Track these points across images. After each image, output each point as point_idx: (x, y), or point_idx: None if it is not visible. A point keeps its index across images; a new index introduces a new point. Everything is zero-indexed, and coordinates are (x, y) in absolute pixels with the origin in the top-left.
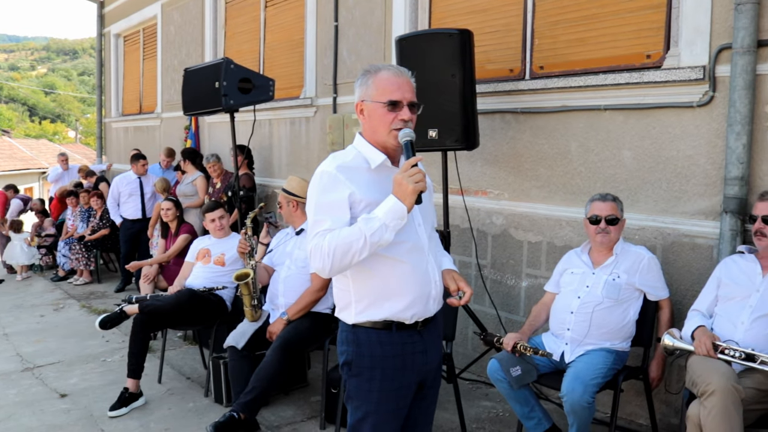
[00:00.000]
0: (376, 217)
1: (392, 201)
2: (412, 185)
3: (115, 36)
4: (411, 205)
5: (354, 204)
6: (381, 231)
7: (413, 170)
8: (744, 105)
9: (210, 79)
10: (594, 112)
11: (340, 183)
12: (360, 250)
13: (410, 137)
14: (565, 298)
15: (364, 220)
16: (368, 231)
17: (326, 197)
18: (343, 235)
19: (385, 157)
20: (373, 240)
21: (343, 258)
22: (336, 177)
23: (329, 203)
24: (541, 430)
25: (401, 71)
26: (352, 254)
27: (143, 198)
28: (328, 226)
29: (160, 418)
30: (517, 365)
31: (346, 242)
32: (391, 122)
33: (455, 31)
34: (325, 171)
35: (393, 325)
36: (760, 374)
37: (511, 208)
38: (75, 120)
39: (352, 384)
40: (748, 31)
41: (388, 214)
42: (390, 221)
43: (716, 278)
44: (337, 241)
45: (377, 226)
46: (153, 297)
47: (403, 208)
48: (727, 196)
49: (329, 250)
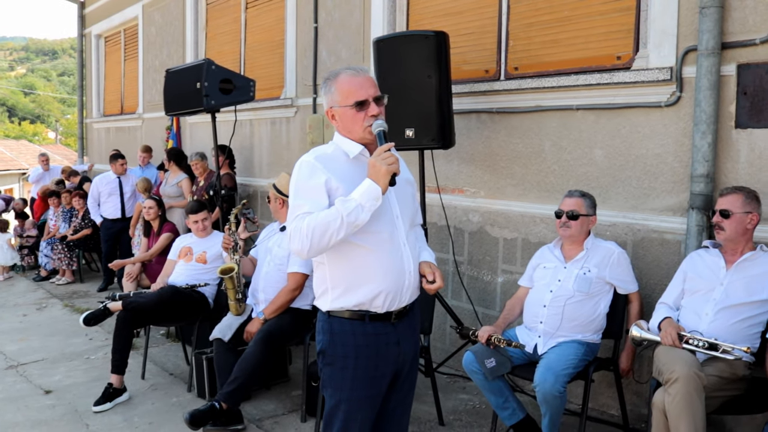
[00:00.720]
0: (352, 198)
1: (367, 183)
2: (385, 167)
3: (96, 37)
4: (385, 186)
5: (331, 191)
6: (357, 211)
7: (386, 154)
8: (709, 105)
9: (191, 79)
10: (567, 112)
11: (317, 170)
12: (337, 230)
13: (382, 128)
14: (538, 292)
15: (340, 201)
16: (345, 211)
17: (304, 183)
18: (321, 216)
19: (362, 147)
20: (349, 220)
21: (321, 238)
22: (314, 165)
23: (307, 189)
24: (516, 420)
25: (358, 70)
26: (329, 234)
27: (122, 198)
28: (307, 209)
29: (144, 413)
30: (491, 357)
31: (324, 222)
32: (363, 120)
33: (431, 33)
34: (304, 160)
35: (366, 316)
36: (722, 362)
37: (487, 205)
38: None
39: (327, 372)
40: (713, 33)
41: (363, 195)
42: (365, 202)
43: (683, 272)
44: (316, 222)
45: (353, 206)
46: (136, 294)
47: (377, 189)
48: (693, 192)
49: (308, 231)
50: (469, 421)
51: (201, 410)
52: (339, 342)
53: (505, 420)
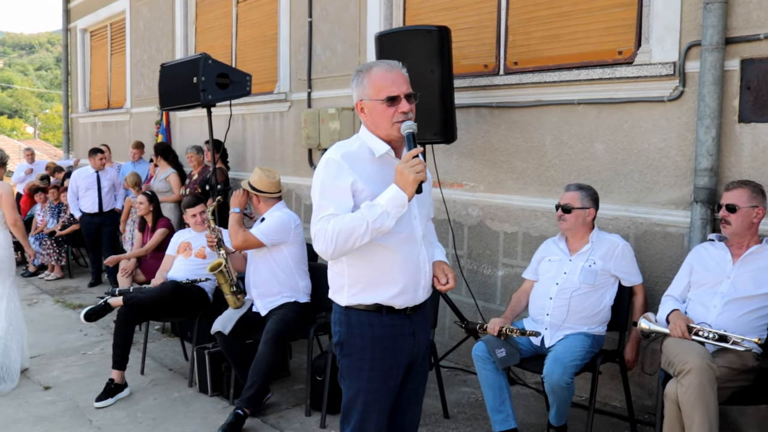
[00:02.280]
0: (378, 204)
1: (394, 189)
2: (413, 175)
3: (82, 31)
4: (412, 194)
5: (356, 192)
6: (383, 218)
7: (414, 161)
8: (713, 99)
9: (187, 74)
10: (568, 107)
11: (344, 170)
12: (362, 236)
13: (412, 129)
14: (544, 285)
15: (366, 207)
16: (371, 217)
17: (331, 184)
18: (346, 221)
19: (389, 147)
20: (375, 226)
21: (345, 242)
22: (341, 164)
23: (333, 189)
24: (506, 427)
25: (392, 65)
26: (354, 239)
27: (100, 192)
28: (332, 211)
29: (146, 408)
30: (502, 347)
31: (350, 227)
32: (392, 116)
33: (434, 27)
34: (330, 158)
35: (383, 309)
36: (732, 354)
37: (487, 199)
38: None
39: (344, 363)
40: (717, 29)
41: (389, 202)
42: (391, 209)
43: (689, 265)
44: (341, 226)
45: (379, 212)
46: (136, 289)
47: (404, 196)
48: (697, 186)
49: (333, 234)
50: (473, 413)
51: (232, 423)
52: (357, 333)
53: (495, 424)
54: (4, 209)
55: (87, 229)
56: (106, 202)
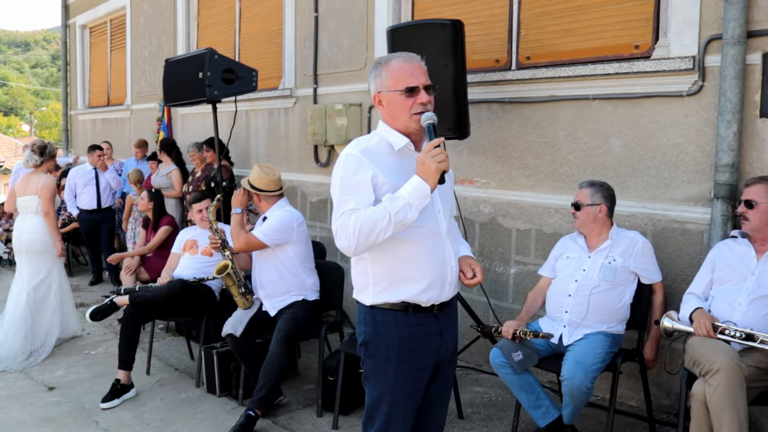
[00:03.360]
0: (400, 196)
1: (416, 180)
2: (435, 165)
3: (81, 27)
4: (434, 184)
5: (377, 186)
6: (405, 209)
7: (436, 150)
8: (734, 94)
9: (193, 69)
10: (582, 102)
11: (363, 164)
12: (385, 229)
13: (432, 120)
14: (562, 282)
15: (389, 199)
16: (393, 209)
17: (351, 178)
18: (368, 214)
19: (408, 140)
20: (397, 218)
21: (368, 236)
22: (360, 159)
23: (354, 184)
24: (550, 419)
25: (411, 57)
26: (377, 233)
27: (98, 188)
28: (353, 206)
29: (153, 409)
30: (518, 350)
31: (372, 220)
32: (410, 108)
33: (447, 21)
34: (349, 154)
35: (409, 307)
36: (759, 353)
37: (499, 196)
38: (29, 113)
39: (369, 364)
40: (738, 22)
41: (412, 193)
42: (414, 200)
43: (711, 262)
44: (363, 220)
45: (402, 204)
46: (142, 288)
47: (426, 187)
48: (717, 182)
49: (355, 228)
50: (488, 414)
51: (243, 424)
52: (382, 333)
53: (538, 420)
54: (42, 199)
55: (85, 226)
56: (104, 198)
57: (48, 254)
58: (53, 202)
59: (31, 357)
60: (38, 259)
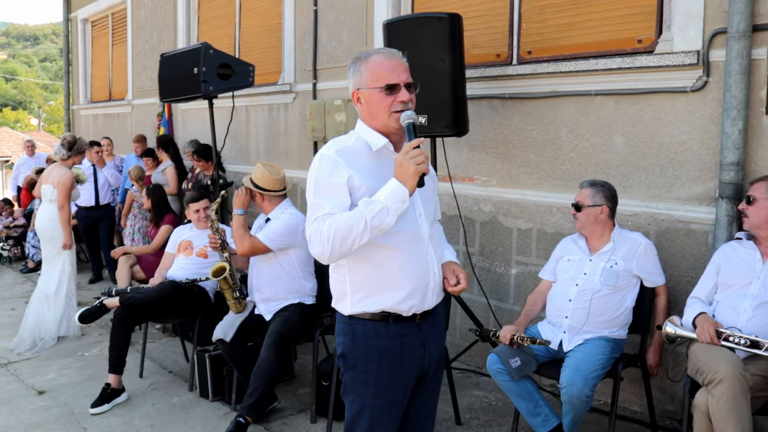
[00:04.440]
0: (377, 200)
1: (394, 183)
2: (413, 167)
3: (83, 21)
4: (413, 187)
5: (353, 189)
6: (382, 214)
7: (415, 152)
8: (740, 90)
9: (188, 64)
10: (584, 98)
11: (339, 166)
12: (361, 234)
13: (412, 119)
14: (563, 286)
15: (364, 203)
16: (369, 214)
17: (325, 181)
18: (343, 219)
19: (386, 140)
20: (374, 224)
21: (343, 243)
22: (335, 161)
23: (328, 187)
24: (549, 427)
25: (392, 53)
26: (352, 239)
27: (96, 185)
28: (328, 210)
29: (144, 415)
30: (515, 356)
31: (347, 226)
32: (390, 105)
33: (445, 15)
34: (324, 155)
35: (390, 317)
36: (764, 361)
37: (500, 194)
38: (38, 107)
39: (348, 377)
40: (744, 15)
41: (389, 197)
42: (391, 204)
43: (715, 265)
44: (338, 225)
45: (378, 209)
46: (134, 290)
47: (404, 190)
48: (722, 181)
49: (329, 234)
50: (487, 419)
51: (231, 431)
52: (361, 345)
53: (537, 428)
54: (58, 192)
55: (83, 223)
56: (102, 195)
57: (57, 242)
58: (68, 197)
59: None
60: (49, 246)
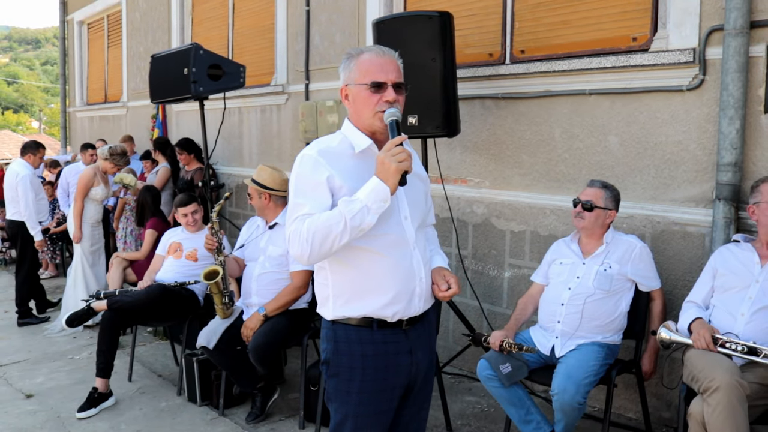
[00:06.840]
0: (357, 199)
1: (375, 182)
2: (395, 164)
3: (79, 23)
4: (394, 185)
5: (334, 190)
6: (362, 213)
7: (397, 149)
8: (737, 88)
9: (178, 65)
10: (578, 97)
11: (320, 166)
12: (340, 234)
13: (395, 117)
14: (555, 290)
15: (344, 203)
16: (348, 213)
17: (306, 181)
18: (322, 219)
19: (371, 141)
20: (354, 223)
21: (323, 243)
22: (317, 160)
23: (308, 186)
24: None
25: (385, 51)
26: (332, 239)
27: None
28: (308, 210)
29: (131, 419)
30: (506, 363)
31: (326, 226)
32: (375, 104)
33: (435, 13)
34: (305, 154)
35: (374, 323)
36: (762, 368)
37: (492, 196)
38: (39, 110)
39: (331, 384)
40: (741, 11)
41: (369, 196)
42: (372, 203)
43: (712, 268)
44: (317, 225)
45: (358, 208)
46: (122, 293)
47: (386, 189)
48: (720, 182)
49: (308, 235)
50: (479, 426)
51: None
52: (344, 351)
53: None
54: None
55: None
56: None
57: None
58: (82, 193)
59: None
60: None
